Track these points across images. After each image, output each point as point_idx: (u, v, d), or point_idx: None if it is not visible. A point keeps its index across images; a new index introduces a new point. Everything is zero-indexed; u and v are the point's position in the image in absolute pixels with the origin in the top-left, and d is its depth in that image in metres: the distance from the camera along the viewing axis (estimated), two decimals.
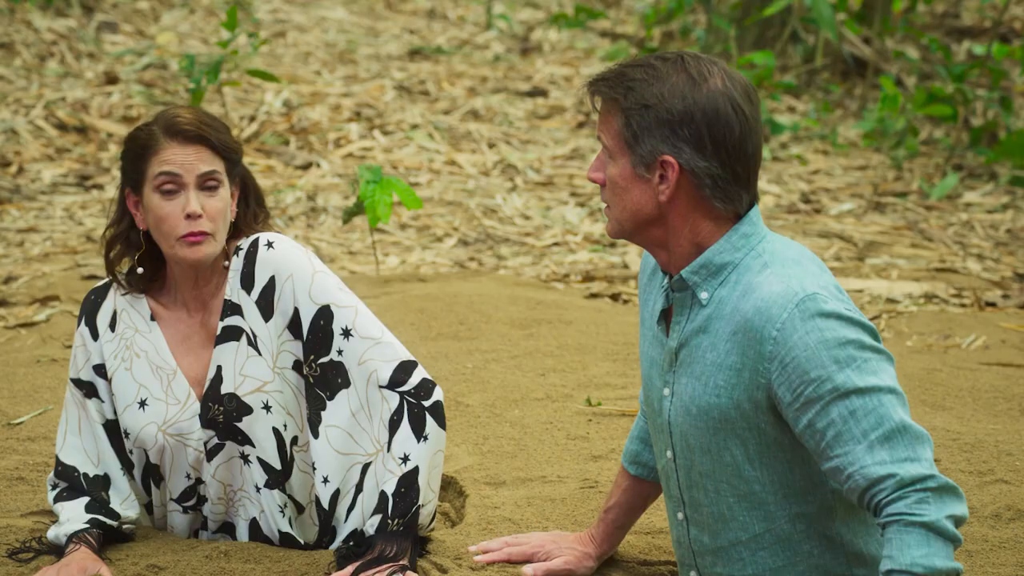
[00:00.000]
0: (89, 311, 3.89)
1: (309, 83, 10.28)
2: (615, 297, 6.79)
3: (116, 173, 8.57)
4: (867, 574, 3.35)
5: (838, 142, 9.53)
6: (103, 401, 3.87)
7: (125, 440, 3.87)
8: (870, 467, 3.12)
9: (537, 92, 10.45)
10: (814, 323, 3.16)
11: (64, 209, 8.00)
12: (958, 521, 3.12)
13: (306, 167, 8.79)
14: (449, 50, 11.55)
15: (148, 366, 3.83)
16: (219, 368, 3.80)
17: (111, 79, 9.90)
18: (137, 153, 3.78)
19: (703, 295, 3.29)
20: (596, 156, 3.35)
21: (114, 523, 3.86)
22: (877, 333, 3.23)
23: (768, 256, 3.27)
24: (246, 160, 8.73)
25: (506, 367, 5.42)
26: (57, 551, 3.81)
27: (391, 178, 6.46)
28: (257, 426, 3.80)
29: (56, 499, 3.89)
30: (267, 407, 3.79)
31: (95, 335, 3.87)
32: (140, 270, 3.82)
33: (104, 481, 3.88)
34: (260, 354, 3.79)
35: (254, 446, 3.81)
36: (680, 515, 3.46)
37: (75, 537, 3.80)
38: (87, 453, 3.88)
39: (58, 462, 3.90)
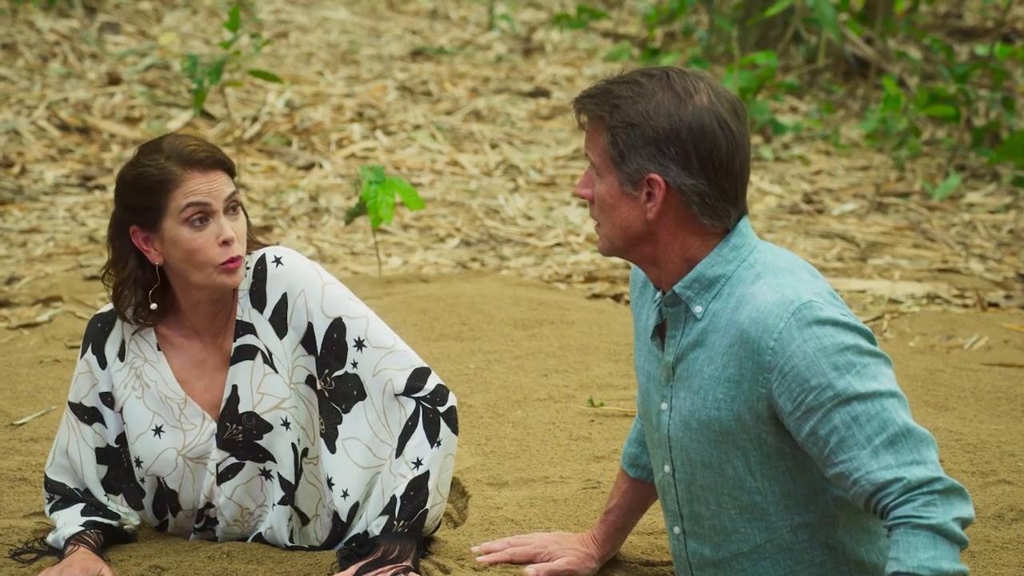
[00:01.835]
0: (96, 339, 3.84)
1: (311, 84, 10.29)
2: (617, 298, 6.79)
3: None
4: None
5: (840, 142, 9.53)
6: (107, 427, 3.85)
7: (136, 469, 3.85)
8: (876, 472, 3.12)
9: (539, 93, 10.45)
10: (811, 331, 3.15)
11: (67, 210, 8.01)
12: (964, 523, 3.12)
13: (308, 168, 8.80)
14: (451, 50, 11.56)
15: (158, 396, 3.82)
16: (234, 388, 3.78)
17: (113, 80, 9.91)
18: (150, 188, 3.66)
19: (697, 309, 3.28)
20: (585, 172, 3.34)
21: (113, 523, 3.86)
22: (873, 337, 3.22)
23: (760, 266, 3.26)
24: (249, 160, 8.76)
25: (508, 368, 5.43)
26: (59, 554, 3.81)
27: (393, 179, 6.46)
28: (277, 442, 3.79)
29: (52, 509, 3.88)
30: (286, 423, 3.78)
31: (103, 363, 3.83)
32: (154, 306, 3.76)
33: (91, 495, 3.88)
34: (276, 371, 3.78)
35: (275, 462, 3.81)
36: (677, 529, 3.45)
37: (73, 539, 3.79)
38: (75, 473, 3.88)
39: (47, 479, 3.91)
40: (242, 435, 3.79)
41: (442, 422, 3.76)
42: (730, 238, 3.28)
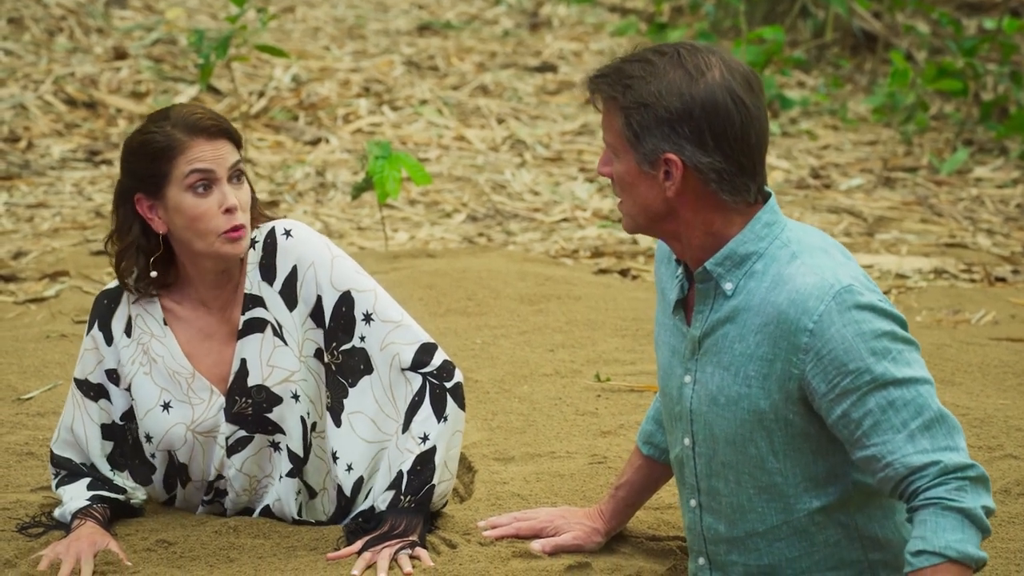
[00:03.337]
0: (102, 315, 3.84)
1: (318, 58, 10.27)
2: (624, 273, 6.79)
3: None
4: (882, 558, 3.35)
5: (848, 117, 9.51)
6: (112, 404, 3.86)
7: (146, 444, 3.85)
8: (912, 455, 3.13)
9: (546, 67, 10.43)
10: (851, 315, 3.16)
11: (73, 184, 8.01)
12: (988, 512, 3.14)
13: (315, 143, 8.79)
14: (458, 25, 11.53)
15: (166, 371, 3.82)
16: (243, 361, 3.78)
17: (120, 54, 9.90)
18: (155, 155, 3.67)
19: (727, 286, 3.28)
20: (604, 150, 3.34)
21: (120, 496, 3.86)
22: (906, 323, 3.24)
23: (795, 245, 3.26)
24: (255, 135, 8.76)
25: (515, 343, 5.43)
26: (66, 528, 3.81)
27: (400, 153, 6.46)
28: (287, 415, 3.80)
29: (59, 485, 3.89)
30: (295, 396, 3.79)
31: (109, 340, 3.83)
32: (154, 274, 3.77)
33: (97, 470, 3.89)
34: (286, 344, 3.78)
35: (285, 434, 3.81)
36: (693, 502, 3.45)
37: (79, 513, 3.80)
38: (80, 448, 3.89)
39: (53, 454, 3.91)
40: (251, 408, 3.79)
41: (449, 397, 3.77)
42: (762, 215, 3.28)
